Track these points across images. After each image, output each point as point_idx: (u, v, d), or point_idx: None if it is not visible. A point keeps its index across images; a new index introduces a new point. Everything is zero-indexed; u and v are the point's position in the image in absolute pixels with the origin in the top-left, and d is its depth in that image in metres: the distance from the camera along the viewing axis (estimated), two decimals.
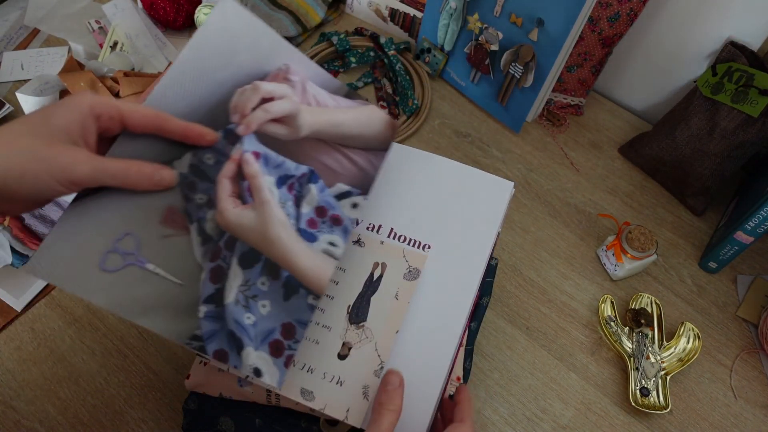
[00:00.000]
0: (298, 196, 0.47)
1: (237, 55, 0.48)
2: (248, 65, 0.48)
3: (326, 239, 0.46)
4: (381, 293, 0.48)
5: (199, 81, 0.47)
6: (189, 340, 0.43)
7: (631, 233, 0.66)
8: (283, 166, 0.48)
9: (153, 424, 0.58)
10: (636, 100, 0.88)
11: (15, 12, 0.96)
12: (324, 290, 0.44)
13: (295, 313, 0.45)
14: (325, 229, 0.47)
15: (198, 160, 0.46)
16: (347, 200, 0.49)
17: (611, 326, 0.65)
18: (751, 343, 0.66)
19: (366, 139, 0.51)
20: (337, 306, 0.47)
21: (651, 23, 0.77)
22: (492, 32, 0.77)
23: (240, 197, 0.45)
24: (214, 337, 0.43)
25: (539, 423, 0.60)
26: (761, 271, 0.71)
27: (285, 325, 0.45)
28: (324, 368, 0.46)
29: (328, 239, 0.46)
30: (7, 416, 0.58)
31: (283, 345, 0.44)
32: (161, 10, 0.90)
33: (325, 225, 0.47)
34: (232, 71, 0.47)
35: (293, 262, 0.44)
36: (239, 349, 0.43)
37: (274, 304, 0.45)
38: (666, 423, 0.60)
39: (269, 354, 0.43)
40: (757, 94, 0.65)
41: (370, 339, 0.46)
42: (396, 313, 0.47)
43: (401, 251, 0.49)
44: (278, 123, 0.48)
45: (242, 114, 0.47)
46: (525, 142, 0.82)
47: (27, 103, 0.80)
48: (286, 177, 0.47)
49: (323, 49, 0.89)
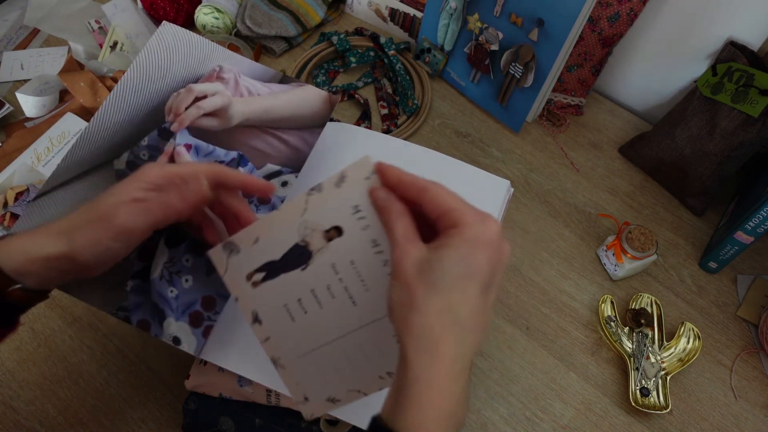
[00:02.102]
0: None
1: (172, 65, 0.54)
2: (183, 73, 0.55)
3: None
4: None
5: (139, 93, 0.53)
6: (116, 310, 0.48)
7: (631, 233, 0.66)
8: (213, 153, 0.52)
9: (153, 424, 0.58)
10: (636, 100, 0.88)
11: (15, 12, 0.96)
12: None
13: (216, 287, 0.49)
14: (251, 209, 0.49)
15: (134, 157, 0.52)
16: (277, 179, 0.53)
17: (611, 326, 0.64)
18: (751, 343, 0.66)
19: (301, 119, 0.56)
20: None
21: (651, 23, 0.77)
22: (492, 32, 0.77)
23: None
24: (138, 308, 0.48)
25: (539, 423, 0.60)
26: (761, 271, 0.71)
27: (206, 297, 0.48)
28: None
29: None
30: (7, 416, 0.58)
31: (202, 316, 0.48)
32: (161, 10, 0.90)
33: (252, 205, 0.51)
34: (168, 80, 0.54)
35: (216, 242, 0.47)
36: (161, 319, 0.48)
37: (196, 278, 0.49)
38: (666, 423, 0.60)
39: (189, 324, 0.47)
40: (757, 94, 0.65)
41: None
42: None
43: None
44: (211, 116, 0.53)
45: (176, 113, 0.52)
46: (525, 142, 0.82)
47: (27, 103, 0.80)
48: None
49: (323, 49, 0.89)
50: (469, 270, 0.30)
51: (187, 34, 0.56)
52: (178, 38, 0.55)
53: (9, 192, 0.70)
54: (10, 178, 0.71)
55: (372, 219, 0.37)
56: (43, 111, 0.81)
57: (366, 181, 0.37)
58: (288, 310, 0.39)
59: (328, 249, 0.38)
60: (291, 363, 0.40)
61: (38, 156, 0.74)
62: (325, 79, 0.88)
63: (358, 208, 0.37)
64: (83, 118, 0.77)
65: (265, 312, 0.40)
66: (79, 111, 0.79)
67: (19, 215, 0.68)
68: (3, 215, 0.68)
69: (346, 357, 0.40)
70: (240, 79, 0.56)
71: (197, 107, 0.53)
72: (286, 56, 0.91)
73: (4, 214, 0.68)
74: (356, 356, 0.39)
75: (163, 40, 0.54)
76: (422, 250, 0.31)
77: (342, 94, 0.86)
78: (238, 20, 0.90)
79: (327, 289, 0.38)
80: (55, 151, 0.74)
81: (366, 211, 0.37)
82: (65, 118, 0.77)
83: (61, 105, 0.81)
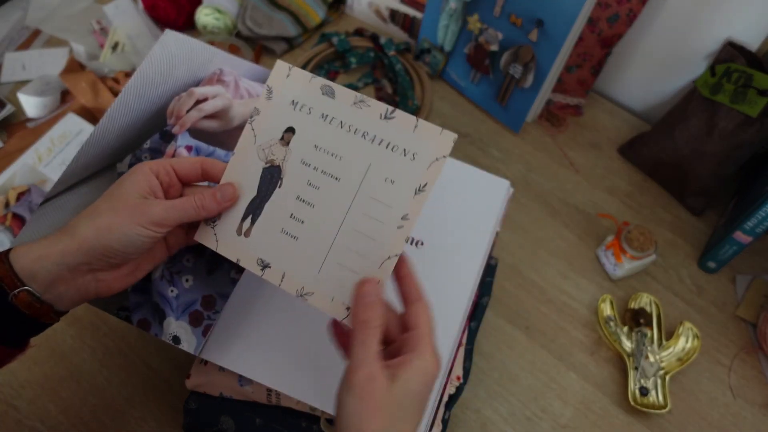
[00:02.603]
0: None
1: (174, 70, 0.55)
2: (185, 77, 0.55)
3: None
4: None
5: (142, 98, 0.53)
6: (117, 310, 0.48)
7: (630, 233, 0.67)
8: (214, 154, 0.53)
9: (154, 423, 0.58)
10: (635, 100, 0.88)
11: (17, 13, 0.97)
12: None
13: (216, 287, 0.49)
14: None
15: (137, 159, 0.52)
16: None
17: (611, 326, 0.65)
18: (749, 342, 0.66)
19: None
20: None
21: (650, 24, 0.77)
22: (492, 33, 0.77)
23: None
24: (139, 308, 0.48)
25: (539, 422, 0.60)
26: (760, 271, 0.71)
27: (206, 297, 0.48)
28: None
29: None
30: (8, 415, 0.58)
31: (202, 315, 0.48)
32: (162, 10, 0.90)
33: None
34: (170, 85, 0.54)
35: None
36: (161, 319, 0.48)
37: (197, 278, 0.49)
38: (665, 422, 0.61)
39: (189, 323, 0.47)
40: (756, 94, 0.65)
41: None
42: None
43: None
44: (212, 118, 0.54)
45: (177, 116, 0.53)
46: (525, 143, 0.83)
47: (28, 103, 0.80)
48: None
49: (323, 50, 0.89)
50: (416, 399, 0.34)
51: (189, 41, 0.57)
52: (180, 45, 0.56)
53: (11, 192, 0.70)
54: (11, 178, 0.72)
55: (310, 101, 0.40)
56: (44, 111, 0.81)
57: (288, 78, 0.40)
58: (287, 232, 0.39)
59: (291, 151, 0.40)
60: (316, 283, 0.39)
61: (40, 156, 0.74)
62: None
63: (295, 101, 0.40)
64: (84, 119, 0.78)
65: (268, 251, 0.39)
66: (80, 111, 0.79)
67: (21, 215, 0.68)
68: (4, 215, 0.69)
69: (359, 233, 0.39)
70: (240, 82, 0.57)
71: (198, 110, 0.54)
72: (286, 57, 0.92)
73: (5, 214, 0.69)
74: (367, 224, 0.38)
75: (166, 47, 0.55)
76: (378, 370, 0.34)
77: None
78: (238, 21, 0.90)
79: (309, 186, 0.39)
80: (57, 152, 0.75)
81: (302, 99, 0.40)
82: (66, 119, 0.77)
83: (63, 105, 0.82)
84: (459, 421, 0.59)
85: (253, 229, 0.40)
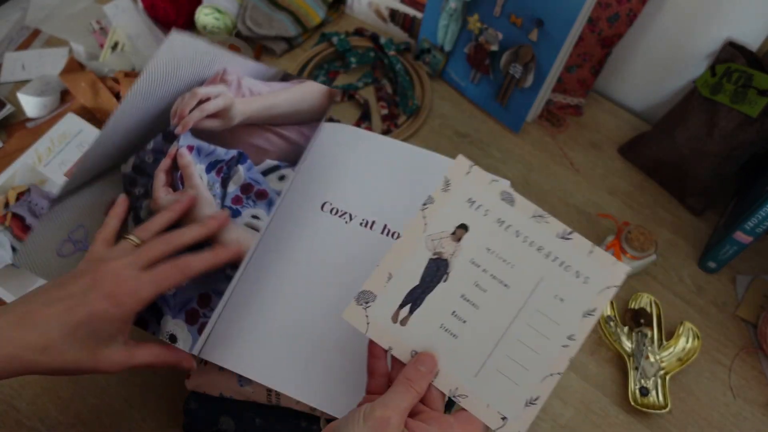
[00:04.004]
0: (225, 178, 0.52)
1: (179, 70, 0.56)
2: (189, 78, 0.56)
3: (249, 213, 0.51)
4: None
5: (147, 98, 0.55)
6: None
7: (630, 233, 0.67)
8: (214, 153, 0.54)
9: (154, 423, 0.58)
10: (635, 100, 0.88)
11: (16, 12, 0.96)
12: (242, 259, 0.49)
13: (212, 284, 0.49)
14: (249, 204, 0.51)
15: (140, 160, 0.54)
16: (274, 174, 0.54)
17: (611, 326, 0.65)
18: (750, 342, 0.66)
19: (301, 114, 0.57)
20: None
21: (650, 24, 0.77)
22: (492, 33, 0.77)
23: (173, 186, 0.52)
24: None
25: (539, 423, 0.60)
26: (760, 271, 0.71)
27: (202, 295, 0.49)
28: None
29: (252, 213, 0.51)
30: (8, 415, 0.58)
31: (198, 313, 0.48)
32: (162, 10, 0.90)
33: (250, 200, 0.52)
34: (175, 85, 0.55)
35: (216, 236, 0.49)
36: (159, 317, 0.48)
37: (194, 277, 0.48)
38: (665, 422, 0.61)
39: (185, 322, 0.48)
40: (756, 94, 0.65)
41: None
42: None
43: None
44: (213, 117, 0.55)
45: (181, 116, 0.54)
46: (525, 143, 0.83)
47: (28, 103, 0.80)
48: (215, 162, 0.53)
49: (323, 50, 0.89)
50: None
51: (194, 42, 0.57)
52: (186, 45, 0.57)
53: (10, 192, 0.70)
54: (11, 178, 0.72)
55: (488, 203, 0.40)
56: (44, 111, 0.81)
57: (467, 176, 0.41)
58: (446, 329, 0.39)
59: (461, 249, 0.39)
60: (472, 386, 0.38)
61: (39, 156, 0.74)
62: (325, 79, 0.88)
63: (472, 199, 0.40)
64: (84, 119, 0.78)
65: (424, 344, 0.38)
66: (80, 111, 0.79)
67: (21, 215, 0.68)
68: (4, 215, 0.69)
69: (522, 344, 0.38)
70: (243, 81, 0.57)
71: (200, 110, 0.54)
72: (286, 57, 0.92)
73: (5, 214, 0.69)
74: (531, 337, 0.38)
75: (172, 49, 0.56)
76: (398, 421, 0.34)
77: (342, 95, 0.86)
78: (238, 21, 0.90)
79: (476, 287, 0.39)
80: (56, 152, 0.74)
81: (479, 199, 0.41)
82: (66, 119, 0.77)
83: (63, 105, 0.82)
84: None
85: (411, 319, 0.39)
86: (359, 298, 0.39)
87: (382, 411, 0.34)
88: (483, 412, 0.37)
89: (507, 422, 0.37)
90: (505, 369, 0.38)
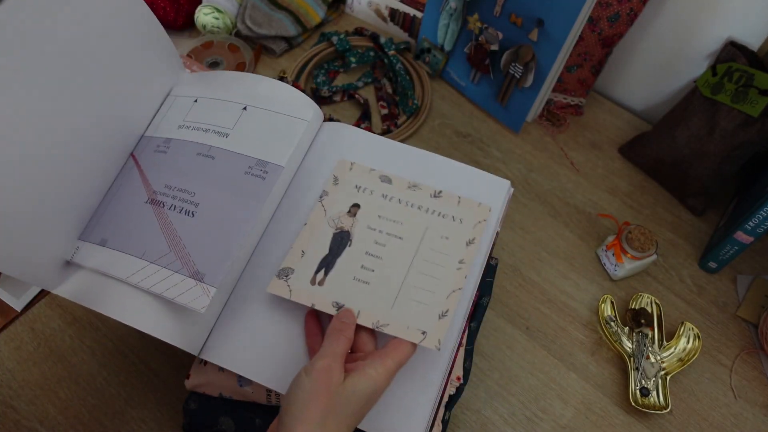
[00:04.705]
0: None
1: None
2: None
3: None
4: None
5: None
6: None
7: (631, 233, 0.66)
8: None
9: (153, 424, 0.58)
10: (636, 100, 0.88)
11: None
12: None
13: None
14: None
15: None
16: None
17: (611, 326, 0.65)
18: (751, 343, 0.66)
19: None
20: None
21: (651, 23, 0.77)
22: (492, 32, 0.77)
23: None
24: None
25: (539, 423, 0.60)
26: (761, 271, 0.71)
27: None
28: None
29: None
30: (7, 416, 0.58)
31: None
32: (161, 10, 0.90)
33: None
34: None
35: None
36: None
37: None
38: (666, 423, 0.60)
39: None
40: (757, 94, 0.65)
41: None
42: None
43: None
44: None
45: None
46: (525, 142, 0.82)
47: None
48: None
49: (323, 49, 0.89)
50: (359, 401, 0.38)
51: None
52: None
53: None
54: None
55: (371, 185, 0.51)
56: None
57: (351, 170, 0.52)
58: (359, 279, 0.46)
59: (358, 220, 0.49)
60: (390, 316, 0.44)
61: None
62: (325, 79, 0.88)
63: (358, 185, 0.51)
64: None
65: (342, 295, 0.46)
66: None
67: None
68: None
69: (424, 275, 0.46)
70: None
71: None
72: (286, 56, 0.92)
73: None
74: (430, 267, 0.47)
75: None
76: (337, 366, 0.39)
77: (342, 94, 0.86)
78: (238, 20, 0.90)
79: (376, 243, 0.48)
80: None
81: (364, 183, 0.51)
82: None
83: None
84: (459, 422, 0.59)
85: (327, 280, 0.46)
86: (279, 274, 0.47)
87: (321, 361, 0.38)
88: (404, 332, 0.43)
89: (427, 335, 0.43)
90: (415, 296, 0.45)
